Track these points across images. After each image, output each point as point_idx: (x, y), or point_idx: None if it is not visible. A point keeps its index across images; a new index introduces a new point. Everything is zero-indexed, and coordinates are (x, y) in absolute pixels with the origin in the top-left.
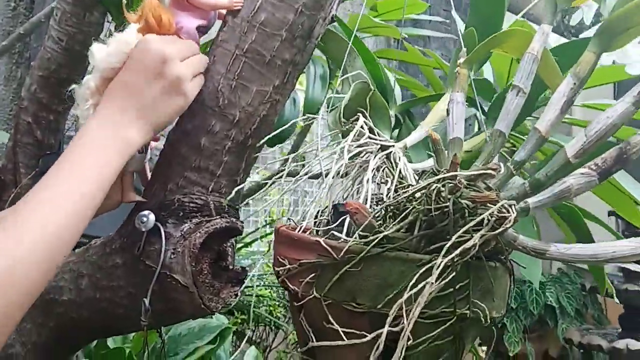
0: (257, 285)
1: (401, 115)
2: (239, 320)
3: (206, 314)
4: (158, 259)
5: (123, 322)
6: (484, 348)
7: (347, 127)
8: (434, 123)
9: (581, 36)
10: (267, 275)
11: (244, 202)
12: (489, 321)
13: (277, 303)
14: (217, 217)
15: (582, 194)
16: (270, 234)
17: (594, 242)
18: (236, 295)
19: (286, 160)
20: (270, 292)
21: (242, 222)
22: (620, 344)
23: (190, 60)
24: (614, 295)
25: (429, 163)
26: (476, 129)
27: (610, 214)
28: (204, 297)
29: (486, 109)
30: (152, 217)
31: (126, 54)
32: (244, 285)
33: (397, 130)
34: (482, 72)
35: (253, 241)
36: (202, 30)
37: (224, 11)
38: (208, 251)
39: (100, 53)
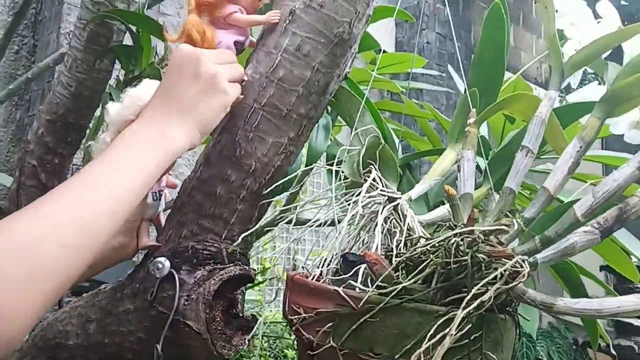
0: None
1: (401, 168)
2: None
3: None
4: (171, 305)
5: None
6: None
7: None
8: (436, 177)
9: (569, 97)
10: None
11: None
12: None
13: (268, 354)
14: (231, 264)
15: (584, 251)
16: (261, 282)
17: (588, 296)
18: (247, 343)
19: (284, 210)
20: (261, 342)
21: (254, 269)
22: None
23: (226, 64)
24: (611, 346)
25: (431, 216)
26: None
27: (601, 268)
28: (216, 344)
29: (481, 163)
30: (167, 263)
31: (140, 106)
32: (252, 333)
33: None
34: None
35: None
36: (238, 46)
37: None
38: (221, 298)
39: (115, 108)
